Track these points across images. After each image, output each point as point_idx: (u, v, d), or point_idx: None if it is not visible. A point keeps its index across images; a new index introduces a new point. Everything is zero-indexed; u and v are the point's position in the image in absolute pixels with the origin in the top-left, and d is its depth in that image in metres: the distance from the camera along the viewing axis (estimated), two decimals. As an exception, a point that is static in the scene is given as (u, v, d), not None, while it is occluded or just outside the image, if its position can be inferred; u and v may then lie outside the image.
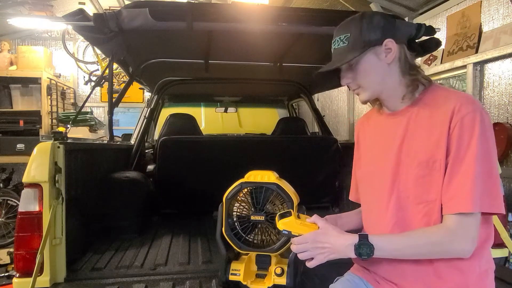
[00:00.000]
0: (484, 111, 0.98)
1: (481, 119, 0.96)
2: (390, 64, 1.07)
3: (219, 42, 2.22)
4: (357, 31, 1.07)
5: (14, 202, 4.69)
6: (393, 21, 1.10)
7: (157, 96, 3.23)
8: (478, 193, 0.93)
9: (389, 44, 1.06)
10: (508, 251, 1.73)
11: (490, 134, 0.97)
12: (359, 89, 1.12)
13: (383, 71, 1.08)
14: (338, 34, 1.12)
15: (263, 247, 1.34)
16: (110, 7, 5.55)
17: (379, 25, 1.06)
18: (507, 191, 2.96)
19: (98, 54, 5.77)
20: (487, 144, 0.95)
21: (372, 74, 1.09)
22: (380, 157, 1.14)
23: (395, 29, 1.08)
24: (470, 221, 0.95)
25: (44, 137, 1.52)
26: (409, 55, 1.10)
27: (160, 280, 1.48)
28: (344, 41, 1.09)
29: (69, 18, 1.71)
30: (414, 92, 1.08)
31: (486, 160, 0.95)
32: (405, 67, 1.08)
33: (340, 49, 1.10)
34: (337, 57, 1.11)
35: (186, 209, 2.63)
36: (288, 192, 1.29)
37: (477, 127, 0.95)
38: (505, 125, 2.94)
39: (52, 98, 5.45)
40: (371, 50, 1.06)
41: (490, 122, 0.98)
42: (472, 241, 0.95)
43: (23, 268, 1.43)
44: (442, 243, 0.96)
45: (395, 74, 1.09)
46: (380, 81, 1.09)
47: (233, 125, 4.56)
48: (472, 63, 3.26)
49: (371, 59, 1.07)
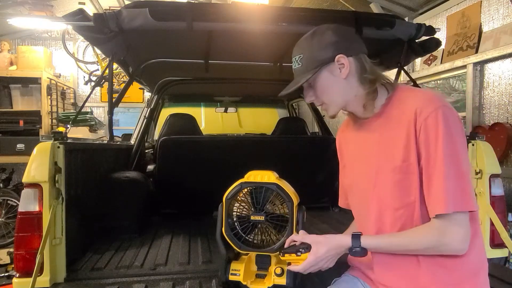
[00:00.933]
0: (447, 108, 0.98)
1: (444, 117, 0.96)
2: (346, 78, 1.08)
3: (219, 42, 2.22)
4: (308, 51, 1.10)
5: (14, 202, 4.70)
6: (346, 34, 1.11)
7: (157, 96, 3.23)
8: (450, 194, 0.95)
9: (341, 59, 1.07)
10: (508, 251, 1.73)
11: (456, 131, 0.97)
12: (323, 105, 1.15)
13: (341, 86, 1.10)
14: (294, 55, 1.15)
15: (263, 247, 1.33)
16: (110, 7, 5.55)
17: (330, 42, 1.08)
18: (507, 191, 2.96)
19: (98, 54, 5.77)
20: (452, 143, 0.96)
21: (331, 91, 1.11)
22: (361, 165, 1.17)
23: (347, 43, 1.09)
24: (452, 221, 0.96)
25: (44, 137, 1.51)
26: (368, 63, 1.11)
27: (160, 280, 1.47)
28: (299, 62, 1.12)
29: (69, 18, 1.71)
30: (375, 100, 1.10)
31: (454, 159, 0.96)
32: (363, 78, 1.09)
33: (297, 70, 1.13)
34: (296, 78, 1.14)
35: (186, 209, 2.63)
36: (288, 192, 1.29)
37: (440, 127, 0.96)
38: (505, 125, 2.94)
39: (52, 98, 5.45)
40: (325, 68, 1.08)
41: (455, 117, 0.99)
42: (461, 239, 0.96)
43: (23, 268, 1.43)
44: (433, 247, 0.98)
45: (354, 86, 1.10)
46: (340, 96, 1.11)
47: (233, 125, 4.55)
48: (472, 63, 3.26)
49: (326, 76, 1.09)
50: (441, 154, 0.96)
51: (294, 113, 4.55)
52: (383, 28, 1.93)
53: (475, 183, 1.80)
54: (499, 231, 1.67)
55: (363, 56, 1.11)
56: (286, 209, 1.31)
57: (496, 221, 1.69)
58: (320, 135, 3.75)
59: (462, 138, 0.98)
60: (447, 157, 0.95)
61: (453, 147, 0.96)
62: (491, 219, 1.73)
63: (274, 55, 2.65)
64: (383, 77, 1.12)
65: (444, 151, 0.95)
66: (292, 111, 4.50)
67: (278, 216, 1.31)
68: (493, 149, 1.83)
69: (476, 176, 1.80)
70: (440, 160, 0.96)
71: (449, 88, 3.87)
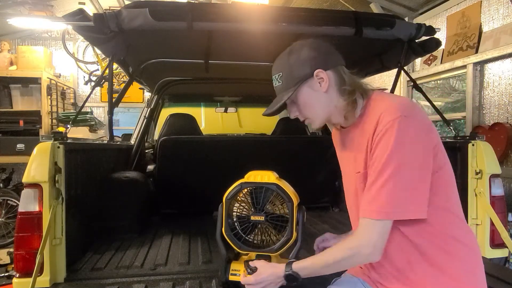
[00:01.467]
0: (406, 118, 0.97)
1: (398, 128, 0.96)
2: (326, 91, 1.11)
3: (219, 42, 2.22)
4: (287, 69, 1.13)
5: (14, 202, 4.69)
6: (322, 49, 1.14)
7: (157, 96, 3.23)
8: (378, 201, 0.98)
9: (320, 74, 1.10)
10: (508, 251, 1.73)
11: (411, 141, 0.97)
12: (307, 120, 1.18)
13: (322, 100, 1.13)
14: (273, 73, 1.18)
15: (263, 247, 1.33)
16: (110, 7, 5.55)
17: (307, 58, 1.11)
18: (507, 191, 2.96)
19: (98, 54, 5.77)
20: (402, 153, 0.96)
21: (313, 105, 1.14)
22: (345, 173, 1.23)
23: (324, 57, 1.12)
24: (370, 226, 1.00)
25: (44, 137, 1.51)
26: (346, 75, 1.13)
27: (160, 280, 1.47)
28: (279, 80, 1.15)
29: (69, 18, 1.71)
30: (355, 110, 1.12)
31: (398, 169, 0.96)
32: (342, 90, 1.12)
33: (277, 88, 1.17)
34: (278, 96, 1.18)
35: (186, 209, 2.63)
36: (288, 192, 1.30)
37: (393, 137, 0.97)
38: (505, 125, 2.95)
39: (52, 98, 5.45)
40: (305, 84, 1.11)
41: (414, 127, 0.98)
42: (373, 246, 0.99)
43: (23, 268, 1.43)
44: (348, 256, 1.03)
45: (334, 99, 1.13)
46: (322, 109, 1.14)
47: (233, 125, 4.55)
48: (472, 63, 3.27)
49: (307, 92, 1.12)
50: (385, 163, 0.97)
51: (294, 113, 4.54)
52: (383, 28, 1.93)
53: (475, 184, 1.80)
54: (499, 231, 1.67)
55: (341, 68, 1.14)
56: (286, 209, 1.31)
57: (496, 221, 1.69)
58: (320, 135, 3.75)
59: (418, 149, 0.98)
60: (390, 167, 0.96)
61: (401, 157, 0.96)
62: (491, 219, 1.73)
63: (274, 55, 2.61)
64: (362, 86, 1.14)
65: (388, 160, 0.97)
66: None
67: (278, 216, 1.31)
68: (493, 149, 1.83)
69: (476, 176, 1.80)
70: (382, 168, 0.98)
71: (449, 88, 3.87)
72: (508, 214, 2.59)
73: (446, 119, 2.20)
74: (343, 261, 1.05)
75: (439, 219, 1.02)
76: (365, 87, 1.13)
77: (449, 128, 2.11)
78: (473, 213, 1.81)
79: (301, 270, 1.10)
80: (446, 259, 1.01)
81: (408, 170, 0.97)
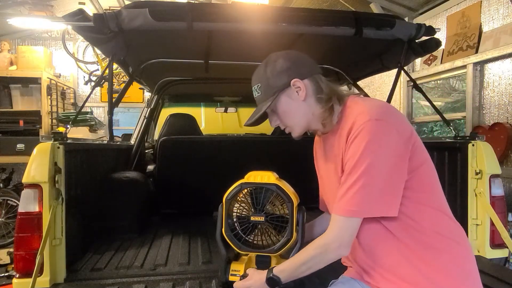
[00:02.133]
0: (377, 121, 1.00)
1: (370, 131, 1.00)
2: (304, 99, 1.16)
3: (219, 42, 2.22)
4: (265, 80, 1.18)
5: (14, 202, 4.69)
6: (296, 59, 1.17)
7: (157, 96, 3.23)
8: (348, 199, 1.01)
9: (297, 83, 1.14)
10: (508, 251, 1.73)
11: (383, 143, 1.00)
12: (287, 128, 1.22)
13: (301, 108, 1.17)
14: (253, 84, 1.23)
15: (263, 248, 1.34)
16: (110, 7, 5.55)
17: (283, 68, 1.15)
18: (507, 191, 2.96)
19: (98, 54, 5.77)
20: (374, 154, 0.99)
21: (292, 113, 1.18)
22: (327, 178, 1.25)
23: (300, 66, 1.16)
24: (339, 223, 1.04)
25: (44, 137, 1.51)
26: (323, 82, 1.17)
27: (160, 281, 1.47)
28: (258, 91, 1.20)
29: (69, 18, 1.71)
30: (332, 116, 1.15)
31: (369, 170, 0.99)
32: (319, 97, 1.15)
33: (257, 98, 1.22)
34: (258, 106, 1.22)
35: (186, 209, 2.63)
36: (288, 192, 1.30)
37: (365, 140, 1.00)
38: (505, 125, 2.95)
39: (52, 98, 5.45)
40: (283, 94, 1.16)
41: (386, 130, 1.00)
42: (340, 241, 1.04)
43: (23, 269, 1.43)
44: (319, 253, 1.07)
45: (312, 106, 1.17)
46: (301, 117, 1.18)
47: (233, 125, 4.55)
48: (472, 63, 3.27)
49: (286, 101, 1.17)
50: (355, 164, 1.00)
51: (294, 113, 4.54)
52: (383, 28, 1.93)
53: (475, 184, 1.80)
54: (499, 231, 1.67)
55: (318, 76, 1.18)
56: (286, 209, 1.31)
57: (496, 221, 1.69)
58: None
59: (389, 151, 1.00)
60: (361, 168, 0.99)
61: (371, 158, 0.99)
62: (491, 219, 1.73)
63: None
64: (337, 92, 1.17)
65: (359, 162, 1.00)
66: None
67: (278, 216, 1.31)
68: (493, 149, 1.83)
69: (476, 176, 1.79)
70: (353, 169, 1.01)
71: (449, 88, 3.87)
72: (508, 214, 2.59)
73: (446, 119, 2.20)
74: (316, 257, 1.08)
75: (425, 215, 1.04)
76: (341, 93, 1.17)
77: (449, 128, 2.11)
78: (473, 213, 1.81)
79: (280, 273, 1.13)
80: (434, 255, 1.01)
81: (378, 171, 0.99)
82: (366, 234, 1.08)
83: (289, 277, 1.13)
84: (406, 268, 1.03)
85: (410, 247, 1.03)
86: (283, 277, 1.13)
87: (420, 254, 1.02)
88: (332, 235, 1.06)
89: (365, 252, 1.11)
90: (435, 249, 1.02)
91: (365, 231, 1.08)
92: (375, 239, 1.07)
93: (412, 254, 1.02)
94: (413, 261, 1.02)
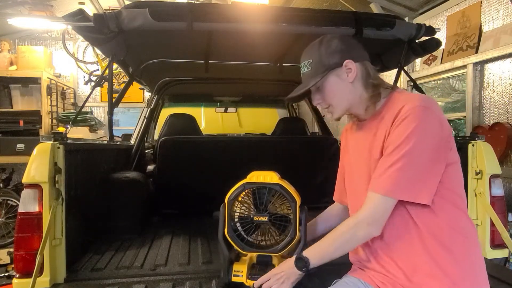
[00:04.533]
0: (426, 107, 1.02)
1: (418, 115, 1.02)
2: (352, 82, 1.16)
3: (219, 42, 2.22)
4: (317, 57, 1.18)
5: (14, 202, 4.69)
6: (351, 43, 1.19)
7: (157, 96, 3.23)
8: (387, 178, 1.03)
9: (349, 64, 1.15)
10: (508, 251, 1.73)
11: (429, 130, 1.01)
12: (329, 108, 1.22)
13: (347, 90, 1.17)
14: (302, 60, 1.23)
15: (266, 248, 1.33)
16: (110, 7, 5.55)
17: (337, 48, 1.16)
18: (507, 191, 2.96)
19: (98, 54, 5.77)
20: (419, 139, 1.01)
21: (338, 94, 1.18)
22: (358, 163, 1.24)
23: (353, 50, 1.18)
24: (375, 200, 1.05)
25: (44, 137, 1.51)
26: (371, 70, 1.18)
27: (160, 281, 1.47)
28: (308, 67, 1.20)
29: (69, 18, 1.71)
30: (376, 104, 1.17)
31: (412, 153, 1.01)
32: (367, 82, 1.17)
33: (305, 74, 1.22)
34: (304, 82, 1.22)
35: (186, 209, 2.63)
36: (291, 192, 1.30)
37: (411, 124, 1.01)
38: (505, 125, 2.94)
39: (52, 98, 5.45)
40: (333, 72, 1.16)
41: (433, 119, 1.02)
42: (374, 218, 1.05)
43: (23, 269, 1.43)
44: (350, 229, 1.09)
45: (359, 90, 1.17)
46: (346, 99, 1.18)
47: (233, 125, 4.55)
48: (472, 63, 3.26)
49: (334, 80, 1.17)
50: (400, 145, 1.02)
51: (294, 113, 4.55)
52: (383, 28, 1.93)
53: (475, 184, 1.80)
54: (499, 231, 1.67)
55: (367, 63, 1.19)
56: (288, 209, 1.31)
57: (496, 221, 1.69)
58: (320, 135, 3.75)
59: (434, 138, 1.02)
60: (404, 149, 1.01)
61: (416, 142, 1.01)
62: (491, 220, 1.73)
63: (274, 55, 2.65)
64: (385, 82, 1.19)
65: (403, 143, 1.02)
66: (292, 111, 4.50)
67: (282, 216, 1.31)
68: (493, 149, 1.83)
69: (476, 176, 1.79)
70: (396, 149, 1.03)
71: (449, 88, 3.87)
72: (508, 214, 2.59)
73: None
74: (346, 235, 1.09)
75: (445, 210, 1.05)
76: (387, 84, 1.19)
77: (449, 128, 2.11)
78: (473, 213, 1.81)
79: (309, 254, 1.15)
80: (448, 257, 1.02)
81: (420, 156, 1.01)
82: (391, 221, 1.08)
83: (318, 258, 1.14)
84: (422, 257, 1.03)
85: (428, 239, 1.04)
86: (312, 258, 1.14)
87: (435, 245, 1.03)
88: (365, 211, 1.07)
89: (384, 239, 1.10)
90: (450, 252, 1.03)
91: (390, 218, 1.08)
92: (399, 226, 1.07)
93: (431, 246, 1.03)
94: (430, 251, 1.03)
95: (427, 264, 1.03)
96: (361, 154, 1.21)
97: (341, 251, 1.12)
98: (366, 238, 1.09)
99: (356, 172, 1.25)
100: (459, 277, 1.01)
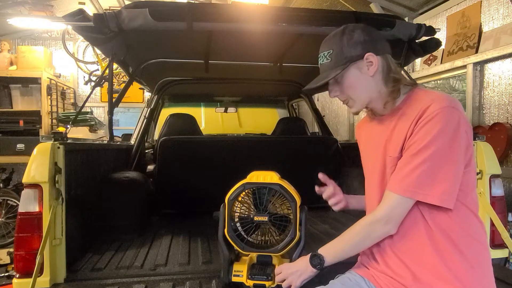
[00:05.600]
0: (454, 109, 1.00)
1: (446, 116, 0.99)
2: (373, 76, 1.13)
3: (219, 42, 2.22)
4: (338, 48, 1.13)
5: (14, 202, 4.69)
6: (374, 34, 1.15)
7: (157, 96, 3.23)
8: (414, 181, 1.00)
9: (370, 57, 1.11)
10: (508, 251, 1.73)
11: (453, 133, 0.99)
12: (348, 101, 1.18)
13: (367, 83, 1.13)
14: (322, 50, 1.18)
15: (266, 248, 1.34)
16: (110, 7, 5.56)
17: (359, 40, 1.11)
18: (507, 191, 2.96)
19: (98, 54, 5.77)
20: (444, 140, 0.98)
21: (357, 87, 1.14)
22: (372, 158, 1.22)
23: (375, 42, 1.14)
24: (393, 199, 1.04)
25: (44, 137, 1.51)
26: (393, 64, 1.15)
27: (160, 281, 1.47)
28: (328, 57, 1.15)
29: (69, 18, 1.71)
30: (396, 99, 1.14)
31: (436, 154, 0.99)
32: (388, 76, 1.13)
33: (324, 65, 1.17)
34: (322, 73, 1.17)
35: (186, 209, 2.63)
36: (291, 192, 1.30)
37: (438, 124, 0.99)
38: (505, 125, 2.94)
39: (52, 98, 5.45)
40: (354, 65, 1.12)
41: (459, 121, 1.00)
42: (391, 217, 1.04)
43: (23, 269, 1.43)
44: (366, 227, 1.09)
45: (379, 84, 1.14)
46: (366, 93, 1.15)
47: (233, 125, 4.56)
48: (472, 63, 3.26)
49: (354, 73, 1.13)
50: (425, 146, 0.99)
51: (294, 113, 4.56)
52: (383, 28, 1.93)
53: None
54: (499, 231, 1.67)
55: (389, 56, 1.15)
56: (288, 209, 1.31)
57: (496, 222, 1.68)
58: (320, 135, 3.75)
59: (459, 142, 1.00)
60: (429, 150, 0.99)
61: (442, 144, 0.99)
62: (491, 219, 1.73)
63: (274, 55, 2.65)
64: (406, 78, 1.16)
65: (429, 144, 0.99)
66: (292, 111, 4.50)
67: (282, 216, 1.31)
68: (493, 149, 1.83)
69: (476, 176, 1.79)
70: (420, 150, 1.00)
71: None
72: (508, 214, 2.59)
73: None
74: (363, 233, 1.09)
75: (458, 213, 1.03)
76: (408, 80, 1.16)
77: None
78: (473, 213, 1.80)
79: (325, 252, 1.14)
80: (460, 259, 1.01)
81: (444, 158, 0.99)
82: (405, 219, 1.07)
83: (334, 256, 1.14)
84: (431, 257, 1.02)
85: (439, 238, 1.02)
86: (327, 255, 1.14)
87: (446, 246, 1.02)
88: (383, 211, 1.06)
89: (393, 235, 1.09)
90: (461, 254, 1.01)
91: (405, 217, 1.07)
92: (409, 223, 1.06)
93: (441, 246, 1.02)
94: (441, 252, 1.02)
95: (437, 266, 1.01)
96: (375, 149, 1.19)
97: (356, 249, 1.12)
98: (382, 237, 1.08)
99: (369, 167, 1.23)
100: (470, 283, 0.99)
